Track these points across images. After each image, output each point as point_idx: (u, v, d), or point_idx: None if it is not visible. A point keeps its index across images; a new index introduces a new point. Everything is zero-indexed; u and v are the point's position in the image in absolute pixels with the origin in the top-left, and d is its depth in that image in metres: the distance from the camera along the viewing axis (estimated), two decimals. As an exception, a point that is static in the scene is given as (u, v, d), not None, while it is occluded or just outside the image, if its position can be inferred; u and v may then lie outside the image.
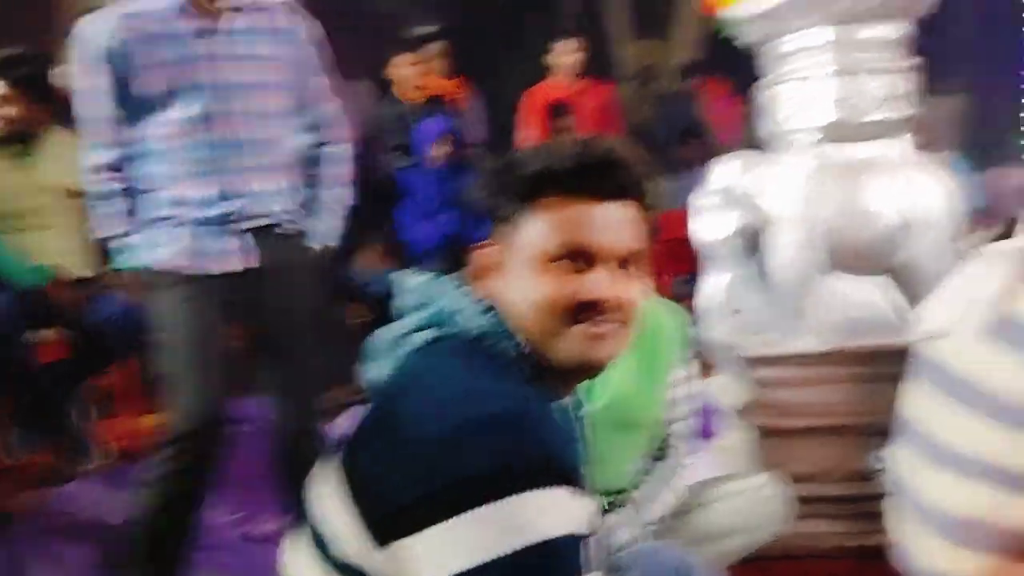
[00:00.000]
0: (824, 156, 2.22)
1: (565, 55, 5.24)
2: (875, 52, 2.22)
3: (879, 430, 2.12)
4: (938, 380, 1.61)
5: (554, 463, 0.86)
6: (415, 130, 4.60)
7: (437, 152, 4.46)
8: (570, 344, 1.00)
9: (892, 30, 2.22)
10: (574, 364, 1.02)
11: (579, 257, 1.00)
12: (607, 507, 1.76)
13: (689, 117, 6.36)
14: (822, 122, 2.23)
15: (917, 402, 1.69)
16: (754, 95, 2.51)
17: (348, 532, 0.93)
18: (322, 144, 2.24)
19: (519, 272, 1.02)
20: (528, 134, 5.33)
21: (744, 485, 1.90)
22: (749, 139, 7.09)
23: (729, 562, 1.86)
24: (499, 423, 0.86)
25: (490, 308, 1.02)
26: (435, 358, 1.00)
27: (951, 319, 1.60)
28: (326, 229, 2.25)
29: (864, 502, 2.18)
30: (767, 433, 2.22)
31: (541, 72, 5.66)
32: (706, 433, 2.97)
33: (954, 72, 8.98)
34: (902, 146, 2.25)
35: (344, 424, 3.05)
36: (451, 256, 4.11)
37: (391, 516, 0.88)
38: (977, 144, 8.62)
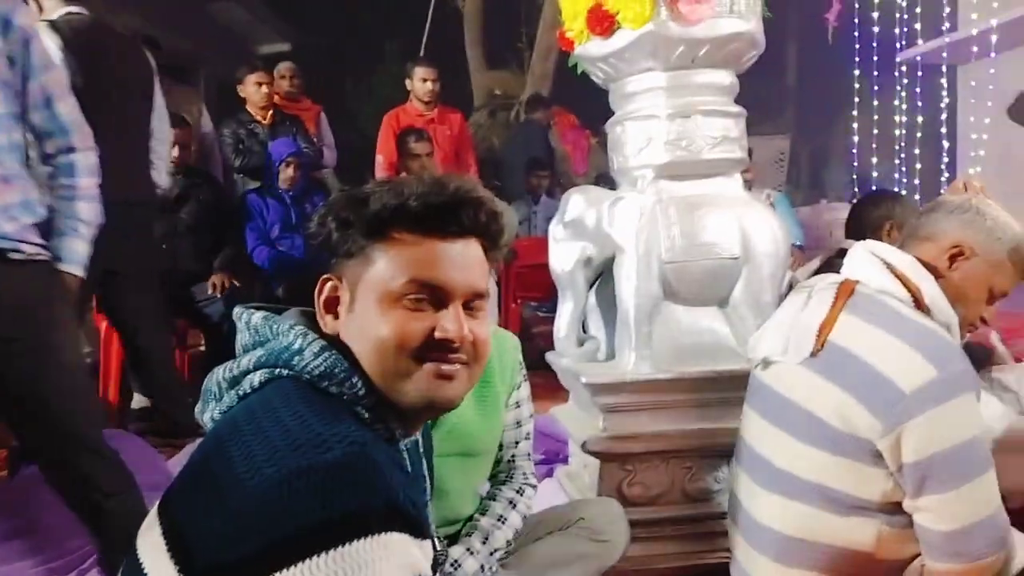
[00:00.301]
0: (664, 192, 2.32)
1: (421, 81, 5.26)
2: (708, 96, 2.35)
3: (716, 453, 2.26)
4: (766, 404, 1.72)
5: (393, 508, 0.84)
6: (263, 152, 4.48)
7: (284, 175, 4.36)
8: (418, 384, 1.00)
9: (723, 76, 2.37)
10: (422, 404, 1.02)
11: (428, 295, 1.01)
12: (453, 537, 1.77)
13: (539, 147, 6.51)
14: (661, 160, 2.34)
15: (749, 425, 1.79)
16: (603, 129, 2.60)
17: None
18: (56, 153, 1.95)
19: (366, 309, 1.01)
20: (384, 159, 5.33)
21: (585, 512, 1.95)
22: (598, 170, 7.35)
23: (573, 588, 1.90)
24: (335, 470, 0.84)
25: (329, 347, 1.00)
26: (271, 400, 0.96)
27: (778, 348, 1.72)
28: (67, 253, 1.95)
29: (702, 523, 2.29)
30: (609, 458, 2.28)
31: (399, 97, 5.66)
32: (552, 459, 3.04)
33: (777, 115, 9.68)
34: (734, 184, 2.39)
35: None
36: (299, 284, 4.03)
37: (218, 569, 0.83)
38: (794, 182, 9.31)
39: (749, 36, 2.31)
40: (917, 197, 6.13)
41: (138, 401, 3.65)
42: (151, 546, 0.93)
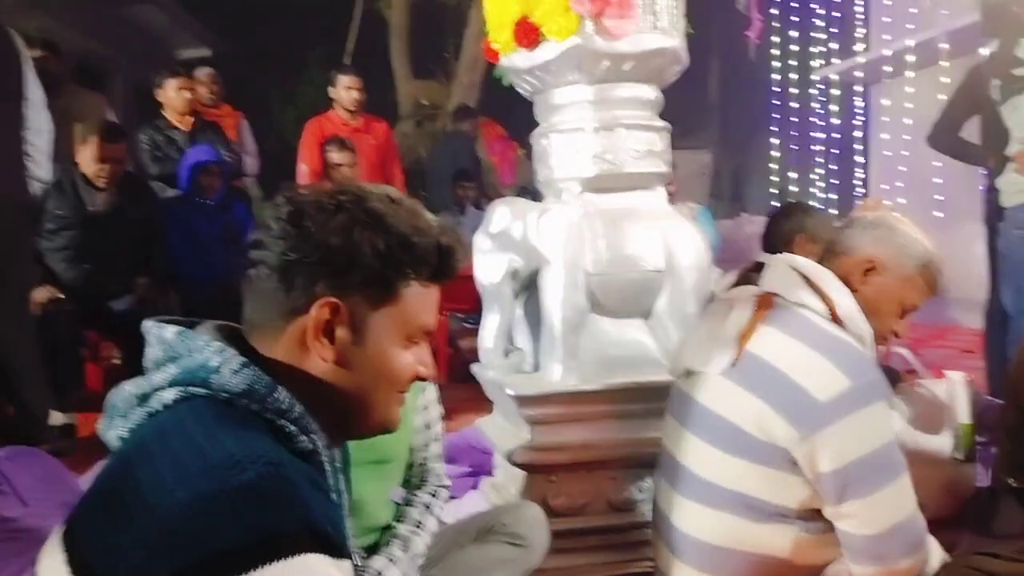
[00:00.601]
0: (589, 204, 2.34)
1: (345, 90, 5.21)
2: (632, 110, 2.38)
3: (641, 463, 2.28)
4: (687, 414, 1.74)
5: (310, 530, 0.82)
6: (181, 159, 4.36)
7: (204, 183, 4.25)
8: (388, 412, 1.06)
9: (647, 91, 2.40)
10: (380, 429, 1.07)
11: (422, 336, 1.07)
12: (372, 547, 1.75)
13: (465, 158, 6.51)
14: (586, 173, 2.36)
15: (670, 435, 1.81)
16: (529, 141, 2.61)
17: None
18: None
19: (381, 342, 1.02)
20: (308, 167, 5.25)
21: (505, 518, 1.95)
22: (525, 182, 7.39)
23: (496, 594, 1.89)
24: (249, 492, 0.81)
25: (249, 363, 0.96)
26: (183, 420, 0.92)
27: (699, 359, 1.74)
28: None
29: (626, 532, 2.30)
30: (535, 470, 2.28)
31: (322, 104, 5.60)
32: (478, 471, 3.02)
33: (700, 130, 9.90)
34: (658, 198, 2.42)
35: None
36: (220, 297, 3.92)
37: None
38: (717, 195, 9.55)
39: (673, 52, 2.35)
40: (835, 212, 6.34)
41: (57, 418, 3.50)
42: (53, 571, 0.88)
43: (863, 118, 6.63)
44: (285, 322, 0.99)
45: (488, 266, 2.41)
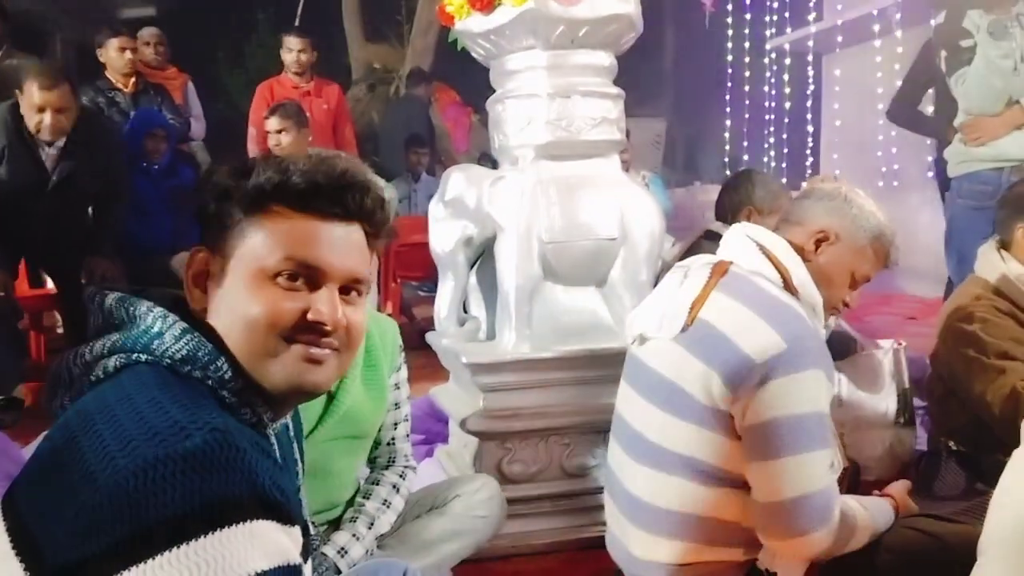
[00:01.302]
0: (544, 172, 2.33)
1: (291, 52, 5.11)
2: (587, 77, 2.36)
3: (594, 429, 2.29)
4: (639, 379, 1.75)
5: (257, 496, 0.80)
6: (123, 121, 4.23)
7: (149, 147, 4.14)
8: (284, 366, 0.96)
9: (602, 57, 2.39)
10: (286, 388, 0.97)
11: (303, 275, 0.97)
12: (334, 521, 1.74)
13: (419, 123, 6.44)
14: (541, 139, 2.34)
15: (623, 400, 1.82)
16: (484, 107, 2.58)
17: None
18: None
19: (237, 283, 0.96)
20: (257, 131, 5.15)
21: (461, 489, 1.95)
22: (480, 149, 7.33)
23: (450, 566, 1.90)
24: (194, 458, 0.79)
25: (191, 329, 0.94)
26: (126, 387, 0.90)
27: (653, 325, 1.75)
28: None
29: (579, 498, 2.33)
30: (489, 437, 2.29)
31: (272, 68, 5.48)
32: (432, 439, 3.02)
33: (654, 98, 9.91)
34: (612, 165, 2.42)
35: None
36: (165, 264, 3.84)
37: (72, 567, 0.78)
38: (670, 164, 9.59)
39: (628, 18, 2.33)
40: (784, 180, 6.40)
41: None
42: None
43: (813, 88, 6.70)
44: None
45: (442, 234, 2.39)
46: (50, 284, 4.04)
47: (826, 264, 1.70)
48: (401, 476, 1.88)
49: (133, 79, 4.58)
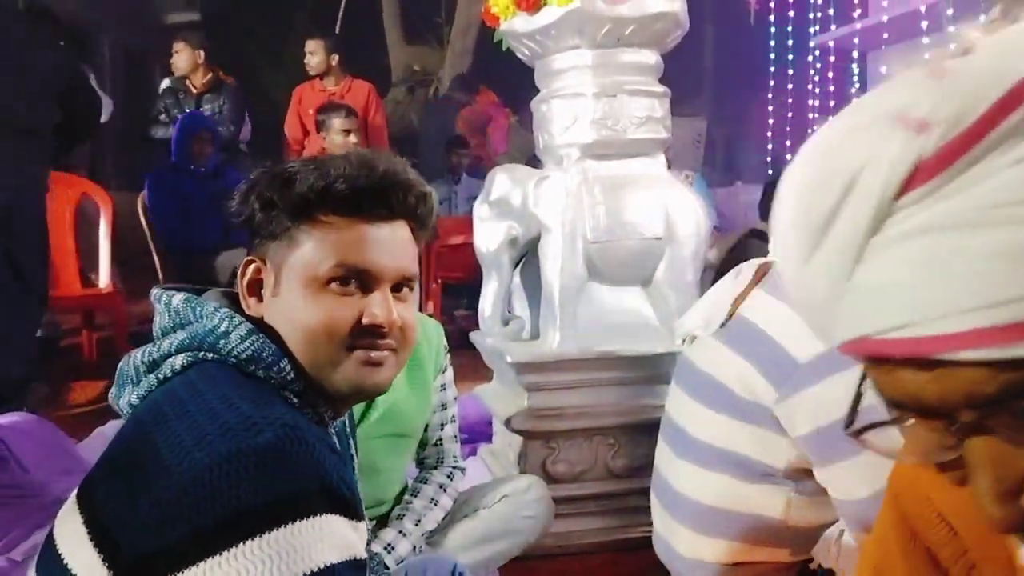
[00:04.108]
0: (589, 171, 2.33)
1: (309, 55, 5.18)
2: (633, 75, 2.36)
3: (638, 429, 2.29)
4: (685, 377, 1.75)
5: (327, 490, 0.82)
6: (176, 125, 4.31)
7: (196, 149, 4.21)
8: (345, 372, 0.98)
9: (648, 56, 2.38)
10: (348, 391, 0.99)
11: (356, 280, 0.98)
12: (381, 518, 1.76)
13: (453, 125, 6.45)
14: (586, 139, 2.34)
15: (671, 398, 1.82)
16: (521, 108, 2.58)
17: (90, 574, 0.84)
18: None
19: (291, 293, 0.98)
20: (289, 134, 5.24)
21: (510, 488, 1.95)
22: (517, 150, 7.33)
23: (497, 565, 1.91)
24: (267, 453, 0.81)
25: (256, 331, 0.96)
26: (195, 384, 0.92)
27: (699, 323, 1.75)
28: None
29: (624, 498, 2.32)
30: (534, 436, 2.29)
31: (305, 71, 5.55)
32: (475, 439, 3.03)
33: (695, 96, 9.84)
34: (657, 164, 2.41)
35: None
36: (211, 265, 3.90)
37: (147, 557, 0.80)
38: (711, 163, 9.49)
39: (674, 16, 2.32)
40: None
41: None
42: (71, 535, 0.88)
43: (859, 86, 6.59)
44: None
45: (487, 234, 2.39)
46: (103, 282, 4.11)
47: None
48: (449, 476, 1.89)
49: (205, 78, 4.70)
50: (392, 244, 1.01)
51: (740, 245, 2.76)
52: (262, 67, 10.70)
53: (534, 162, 2.89)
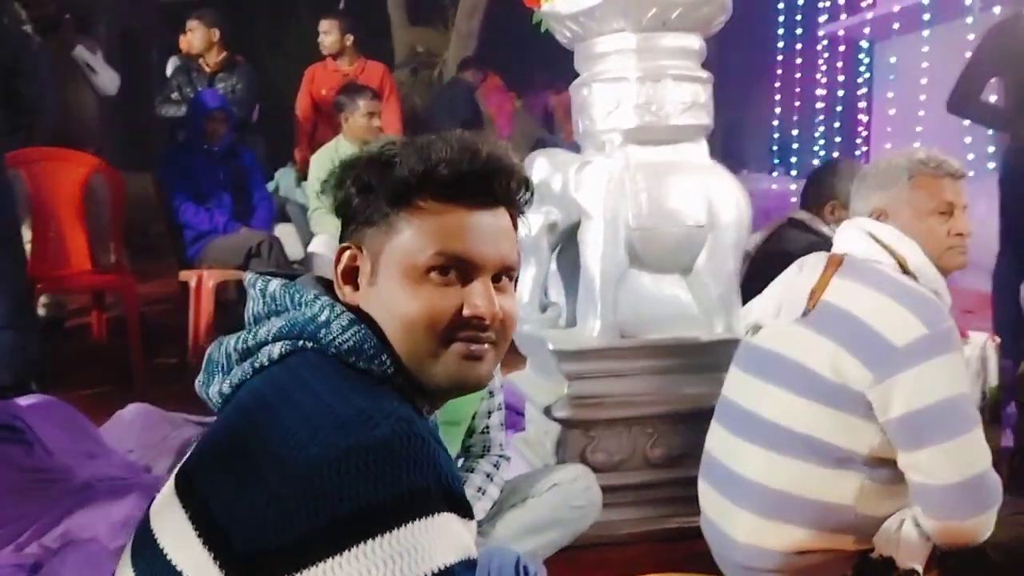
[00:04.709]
0: (631, 157, 2.29)
1: (323, 34, 5.11)
2: (678, 60, 2.32)
3: (678, 418, 2.27)
4: (757, 363, 1.74)
5: (443, 487, 0.80)
6: (190, 104, 4.24)
7: (210, 129, 4.14)
8: (447, 366, 0.93)
9: (693, 40, 2.34)
10: (447, 386, 0.95)
11: (455, 269, 0.93)
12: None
13: (466, 108, 6.40)
14: (629, 124, 2.30)
15: (736, 385, 1.81)
16: (526, 92, 2.54)
17: (198, 571, 0.81)
18: None
19: (390, 282, 0.93)
20: (300, 114, 5.18)
21: (559, 478, 1.93)
22: (521, 134, 7.28)
23: (546, 555, 1.89)
24: (385, 448, 0.78)
25: (357, 321, 0.92)
26: (299, 373, 0.89)
27: (769, 313, 1.74)
28: None
29: (662, 488, 2.30)
30: (573, 425, 2.26)
31: (312, 52, 5.48)
32: (509, 427, 3.00)
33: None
34: (700, 151, 2.38)
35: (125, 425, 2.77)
36: (226, 246, 3.85)
37: (264, 555, 0.77)
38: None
39: (721, 1, 2.29)
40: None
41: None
42: (174, 529, 0.86)
43: (868, 75, 6.57)
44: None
45: (526, 219, 2.35)
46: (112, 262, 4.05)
47: (908, 230, 1.68)
48: (495, 465, 1.87)
49: (219, 57, 4.63)
50: (494, 232, 0.95)
51: (776, 235, 2.73)
52: (263, 50, 10.59)
53: (539, 146, 2.84)
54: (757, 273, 2.36)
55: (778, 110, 7.25)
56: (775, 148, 7.56)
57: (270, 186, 4.92)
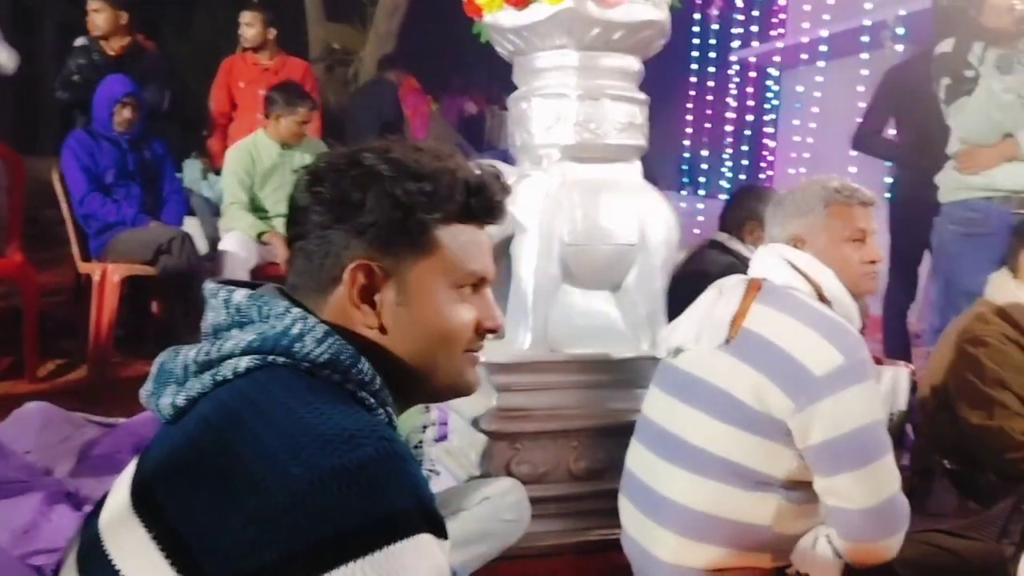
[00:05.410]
0: (568, 173, 2.32)
1: (245, 26, 5.00)
2: (617, 80, 2.36)
3: (602, 432, 2.30)
4: (678, 386, 1.77)
5: (423, 508, 0.79)
6: (95, 89, 4.04)
7: (120, 116, 3.96)
8: (463, 372, 0.99)
9: (632, 62, 2.39)
10: (450, 392, 1.00)
11: (474, 285, 0.99)
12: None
13: (390, 109, 6.32)
14: (568, 140, 2.33)
15: (657, 406, 1.84)
16: (442, 96, 2.55)
17: None
18: None
19: (425, 297, 0.95)
20: (216, 108, 5.07)
21: (490, 491, 1.92)
22: (436, 139, 7.25)
23: (474, 569, 1.88)
24: (369, 469, 0.77)
25: (332, 332, 0.91)
26: (269, 389, 0.86)
27: (691, 337, 1.77)
28: None
29: (585, 500, 2.33)
30: (500, 437, 2.27)
31: (221, 42, 5.34)
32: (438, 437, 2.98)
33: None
34: (634, 171, 2.42)
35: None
36: (133, 241, 3.69)
37: None
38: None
39: (661, 25, 2.34)
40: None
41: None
42: (135, 549, 0.81)
43: (777, 103, 6.84)
44: (327, 292, 0.95)
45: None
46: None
47: (823, 257, 1.75)
48: (427, 478, 1.85)
49: (123, 42, 4.42)
50: (489, 247, 1.03)
51: (698, 255, 2.81)
52: (170, 38, 10.21)
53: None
54: (678, 292, 2.42)
55: (689, 131, 7.45)
56: (684, 168, 7.77)
57: (175, 177, 4.76)
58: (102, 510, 0.91)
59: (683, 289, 2.38)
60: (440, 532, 0.82)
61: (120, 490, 0.89)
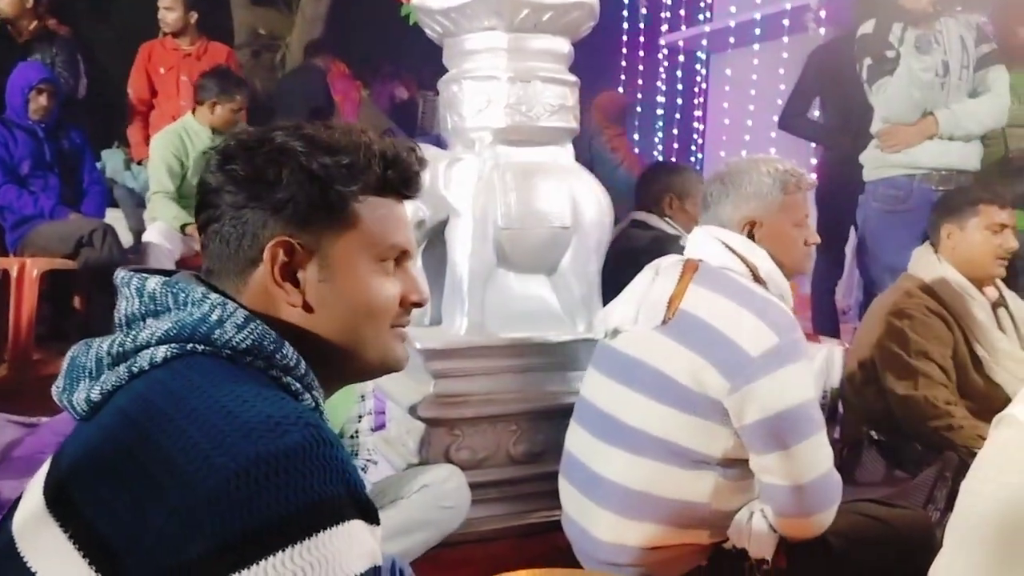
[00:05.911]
0: (501, 156, 2.30)
1: (164, 10, 4.84)
2: (547, 62, 2.35)
3: (540, 415, 2.30)
4: (616, 368, 1.78)
5: (352, 494, 0.77)
6: (12, 75, 3.86)
7: (35, 104, 3.80)
8: (391, 348, 0.98)
9: (562, 44, 2.38)
10: (378, 368, 0.99)
11: (397, 259, 0.98)
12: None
13: (319, 95, 6.20)
14: (499, 123, 2.31)
15: (595, 387, 1.85)
16: (373, 81, 2.52)
17: None
18: None
19: (348, 272, 0.93)
20: (134, 94, 4.90)
21: (429, 479, 1.92)
22: (367, 124, 7.14)
23: (415, 556, 1.87)
24: (296, 456, 0.74)
25: (252, 317, 0.88)
26: (189, 378, 0.83)
27: (628, 318, 1.78)
28: None
29: (525, 484, 2.33)
30: (438, 423, 2.25)
31: (141, 24, 5.17)
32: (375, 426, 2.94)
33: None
34: (566, 154, 2.42)
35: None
36: (51, 233, 3.55)
37: (161, 574, 0.71)
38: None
39: (590, 6, 2.34)
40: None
41: None
42: (50, 549, 0.77)
43: (705, 86, 6.92)
44: (246, 275, 0.92)
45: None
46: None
47: (772, 240, 1.77)
48: (363, 470, 1.83)
49: (31, 26, 4.23)
50: (409, 222, 1.03)
51: (623, 235, 2.83)
52: (87, 21, 9.84)
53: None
54: (608, 273, 2.43)
55: (620, 114, 7.46)
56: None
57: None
58: (15, 512, 0.86)
59: (613, 268, 2.40)
60: (371, 518, 0.80)
61: (34, 491, 0.85)
